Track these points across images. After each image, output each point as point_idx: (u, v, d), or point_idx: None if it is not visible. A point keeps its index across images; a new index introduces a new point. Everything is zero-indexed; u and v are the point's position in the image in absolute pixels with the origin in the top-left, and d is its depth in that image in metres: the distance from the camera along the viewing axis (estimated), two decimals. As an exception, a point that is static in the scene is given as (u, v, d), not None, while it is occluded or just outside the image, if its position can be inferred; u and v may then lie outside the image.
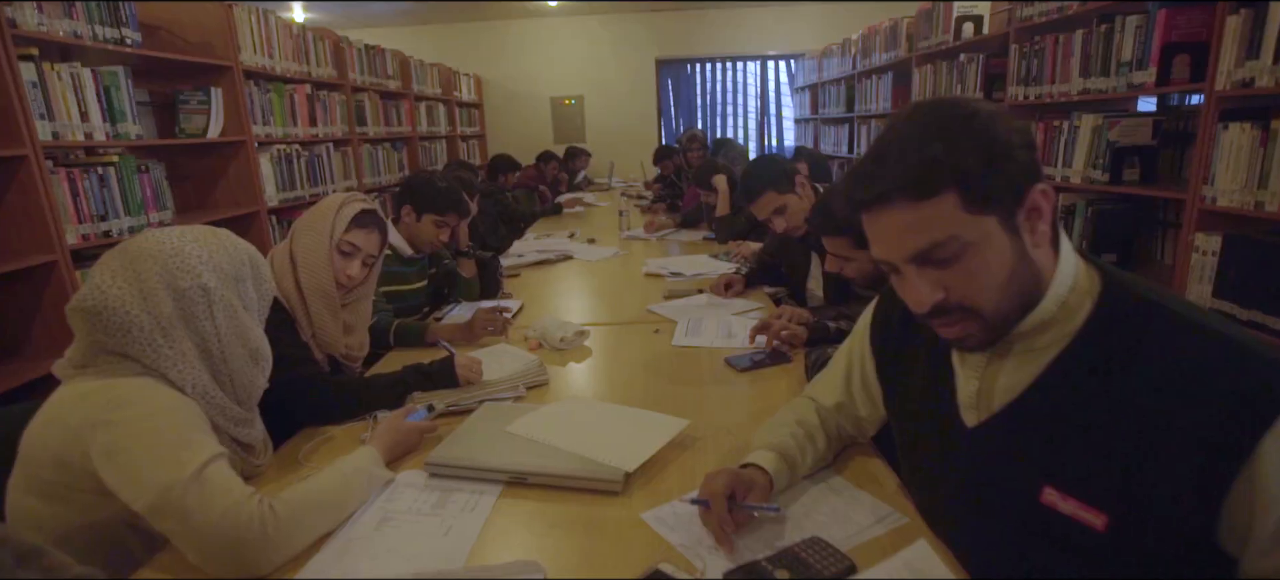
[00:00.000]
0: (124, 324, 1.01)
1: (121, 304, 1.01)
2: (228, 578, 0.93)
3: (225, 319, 1.08)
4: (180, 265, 1.05)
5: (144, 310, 1.02)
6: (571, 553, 0.97)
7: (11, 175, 2.15)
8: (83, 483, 0.98)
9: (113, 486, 0.95)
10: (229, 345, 1.09)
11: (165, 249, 1.06)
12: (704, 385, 1.58)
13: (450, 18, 7.79)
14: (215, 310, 1.07)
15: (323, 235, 1.50)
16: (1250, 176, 2.02)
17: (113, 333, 1.01)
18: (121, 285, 1.02)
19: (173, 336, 1.03)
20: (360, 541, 1.01)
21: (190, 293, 1.05)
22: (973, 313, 0.81)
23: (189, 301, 1.05)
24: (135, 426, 0.96)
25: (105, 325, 1.00)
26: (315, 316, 1.50)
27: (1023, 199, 0.78)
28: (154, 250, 1.05)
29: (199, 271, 1.06)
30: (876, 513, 1.02)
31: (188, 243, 1.08)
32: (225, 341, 1.08)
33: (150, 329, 1.02)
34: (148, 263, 1.04)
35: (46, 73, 2.22)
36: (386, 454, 1.21)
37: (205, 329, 1.06)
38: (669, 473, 1.16)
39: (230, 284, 1.10)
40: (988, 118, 0.78)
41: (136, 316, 1.01)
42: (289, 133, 3.72)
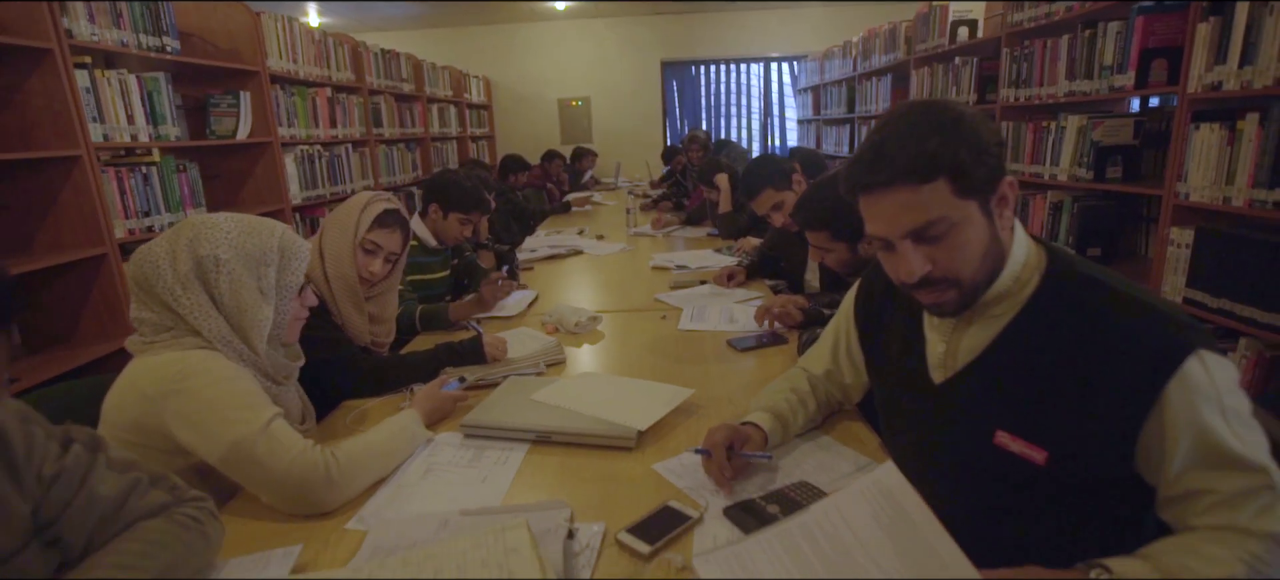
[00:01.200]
0: (154, 273, 1.15)
1: (153, 256, 1.16)
2: (298, 513, 1.09)
3: (229, 288, 1.19)
4: (206, 236, 1.19)
5: (169, 264, 1.16)
6: (592, 495, 1.12)
7: (67, 174, 2.32)
8: (157, 442, 1.13)
9: (187, 444, 1.10)
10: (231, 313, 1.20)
11: (204, 222, 1.21)
12: (707, 363, 1.74)
13: (460, 21, 7.97)
14: (221, 279, 1.19)
15: (347, 233, 1.65)
16: (1219, 174, 2.17)
17: (146, 284, 1.16)
18: (160, 244, 1.18)
19: (190, 290, 1.17)
20: (409, 487, 1.17)
21: (205, 260, 1.18)
22: (953, 283, 0.96)
23: (203, 266, 1.18)
24: (204, 392, 1.11)
25: (142, 274, 1.16)
26: (342, 311, 1.66)
27: (996, 188, 0.94)
28: (196, 222, 1.21)
29: (218, 244, 1.19)
30: (857, 462, 1.17)
31: (223, 221, 1.22)
32: (227, 309, 1.20)
33: (171, 280, 1.16)
34: (185, 230, 1.20)
35: (98, 79, 2.39)
36: (425, 418, 1.36)
37: (214, 292, 1.19)
38: (676, 433, 1.31)
39: (246, 263, 1.21)
40: (972, 119, 0.93)
41: (164, 268, 1.16)
42: (311, 134, 3.88)
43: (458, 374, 1.58)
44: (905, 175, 0.90)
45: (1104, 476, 0.91)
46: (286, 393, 1.33)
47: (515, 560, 0.82)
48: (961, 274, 0.94)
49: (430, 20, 7.80)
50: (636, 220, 4.07)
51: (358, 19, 7.43)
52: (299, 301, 1.31)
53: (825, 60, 6.94)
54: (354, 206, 1.68)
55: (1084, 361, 0.90)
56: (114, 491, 0.84)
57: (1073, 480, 0.92)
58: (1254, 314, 2.03)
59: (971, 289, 0.96)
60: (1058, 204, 2.95)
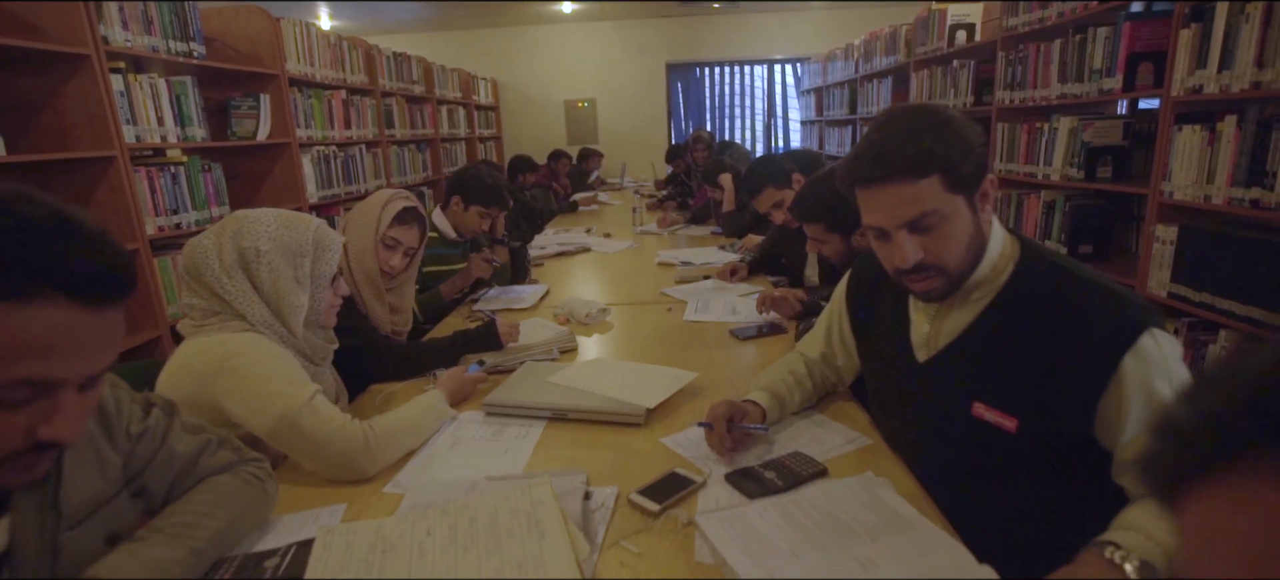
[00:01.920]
0: (202, 263, 1.26)
1: (202, 248, 1.28)
2: (339, 479, 1.20)
3: (268, 277, 1.30)
4: (248, 229, 1.30)
5: (216, 255, 1.27)
6: (605, 464, 1.23)
7: (102, 173, 2.44)
8: (208, 416, 1.24)
9: (237, 417, 1.22)
10: (271, 299, 1.32)
11: (246, 217, 1.32)
12: (711, 350, 1.84)
13: (469, 24, 8.09)
14: (261, 268, 1.30)
15: (369, 229, 1.77)
16: (1200, 173, 2.26)
17: (196, 273, 1.27)
18: (208, 237, 1.29)
19: (235, 278, 1.27)
20: (439, 457, 1.28)
21: (247, 251, 1.29)
22: (941, 270, 1.06)
23: (245, 257, 1.29)
24: (251, 370, 1.22)
25: (192, 264, 1.27)
26: (366, 302, 1.78)
27: (980, 184, 1.05)
28: (239, 217, 1.32)
29: (259, 236, 1.30)
30: (847, 436, 1.28)
31: (264, 216, 1.34)
32: (268, 296, 1.31)
33: (217, 269, 1.26)
34: (230, 224, 1.31)
35: (131, 83, 2.51)
36: (449, 398, 1.47)
37: (256, 280, 1.30)
38: (682, 411, 1.42)
39: (285, 254, 1.32)
40: (960, 123, 1.04)
41: (211, 259, 1.27)
42: (327, 135, 4.01)
43: (478, 358, 1.69)
44: (902, 171, 1.00)
45: (1068, 442, 1.01)
46: (322, 373, 1.44)
47: (542, 511, 0.93)
48: (949, 262, 1.05)
49: (439, 23, 7.93)
50: (642, 219, 4.18)
51: (368, 22, 7.56)
52: (332, 290, 1.43)
53: (828, 62, 7.04)
54: (375, 204, 1.80)
55: (1051, 339, 1.01)
56: (188, 450, 0.95)
57: (1041, 445, 1.03)
58: (1233, 307, 2.13)
59: (957, 276, 1.07)
60: (1051, 203, 3.05)
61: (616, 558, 0.95)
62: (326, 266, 1.38)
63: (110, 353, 0.70)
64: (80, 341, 0.66)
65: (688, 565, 0.93)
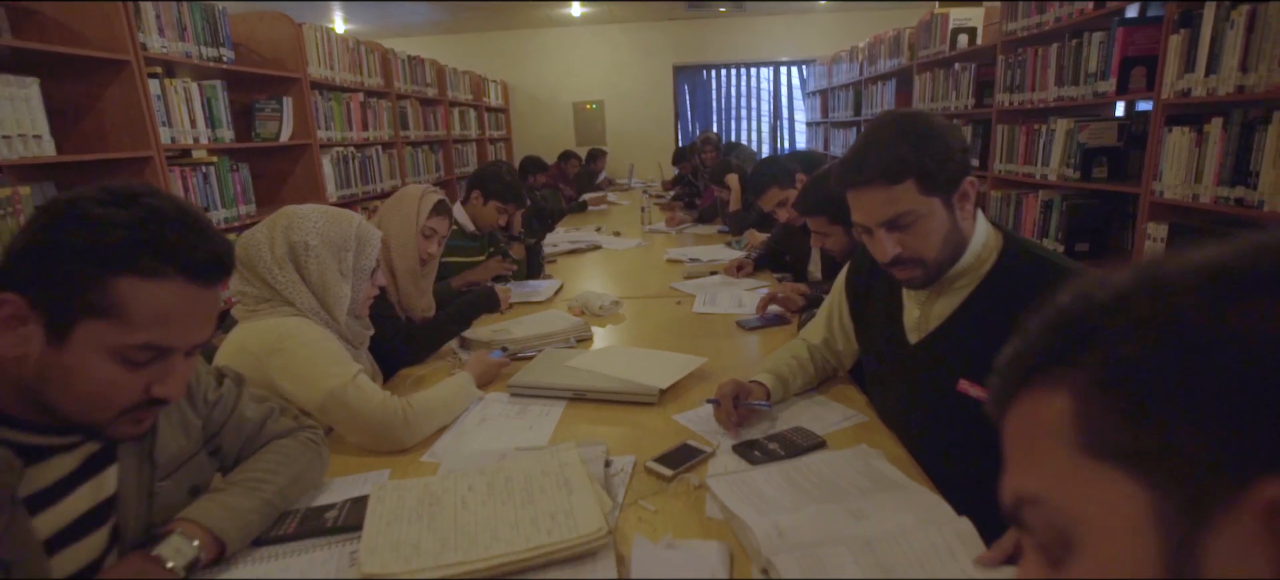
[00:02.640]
0: (255, 254, 1.38)
1: (255, 241, 1.39)
2: (380, 450, 1.32)
3: (316, 269, 1.42)
4: (298, 224, 1.42)
5: (268, 247, 1.39)
6: (622, 438, 1.34)
7: (139, 173, 2.56)
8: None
9: (288, 394, 1.33)
10: (317, 289, 1.44)
11: (296, 213, 1.44)
12: (719, 340, 1.95)
13: (480, 27, 8.23)
14: (309, 261, 1.42)
15: (410, 222, 1.90)
16: (1189, 173, 2.36)
17: (249, 263, 1.38)
18: (261, 230, 1.41)
19: (285, 269, 1.39)
20: (469, 431, 1.39)
21: (297, 245, 1.41)
22: (920, 262, 1.18)
23: (295, 250, 1.40)
24: (301, 351, 1.34)
25: (246, 255, 1.38)
26: (404, 290, 1.91)
27: (958, 187, 1.15)
28: (289, 213, 1.44)
29: (308, 232, 1.42)
30: (845, 414, 1.39)
31: (312, 212, 1.46)
32: (314, 286, 1.43)
33: (269, 261, 1.38)
34: (281, 220, 1.43)
35: (166, 87, 2.64)
36: (476, 380, 1.59)
37: (304, 272, 1.42)
38: (692, 393, 1.53)
39: (331, 248, 1.44)
40: (940, 130, 1.14)
41: (263, 251, 1.38)
42: (346, 136, 4.14)
43: (501, 344, 1.81)
44: (880, 176, 1.12)
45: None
46: (359, 357, 1.56)
47: (569, 472, 1.04)
48: (926, 256, 1.16)
49: (450, 26, 8.06)
50: (651, 218, 4.29)
51: (380, 24, 7.70)
52: (371, 282, 1.55)
53: (833, 64, 7.13)
54: (412, 198, 1.93)
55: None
56: (256, 416, 1.07)
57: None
58: (1218, 301, 2.22)
59: (935, 267, 1.18)
60: (1048, 202, 3.15)
61: (635, 514, 1.07)
62: (367, 260, 1.49)
63: (211, 326, 0.82)
64: (191, 314, 0.78)
65: (699, 521, 1.04)
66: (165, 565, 0.83)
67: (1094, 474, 0.33)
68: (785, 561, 0.85)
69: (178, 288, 0.76)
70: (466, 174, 6.50)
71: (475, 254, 2.50)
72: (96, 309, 0.72)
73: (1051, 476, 0.36)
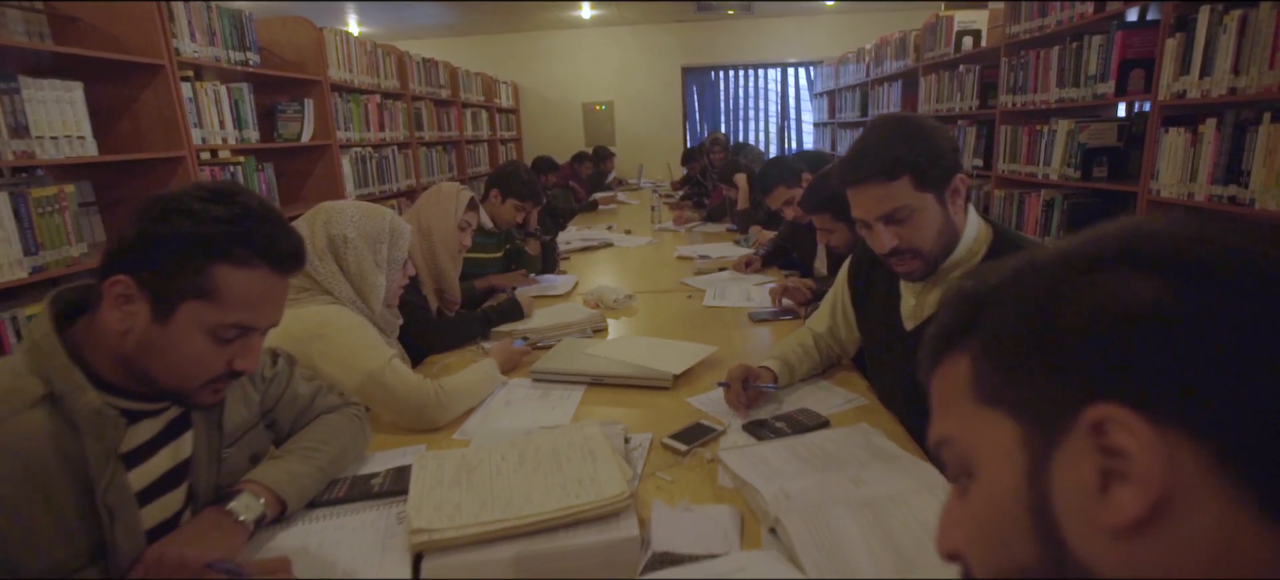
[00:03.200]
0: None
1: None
2: (413, 428, 1.42)
3: (354, 261, 1.53)
4: (336, 219, 1.52)
5: (309, 241, 1.49)
6: (639, 419, 1.43)
7: (173, 172, 2.69)
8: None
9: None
10: (355, 279, 1.54)
11: (334, 208, 1.54)
12: (729, 331, 2.05)
13: (491, 29, 8.34)
14: (348, 253, 1.52)
15: (450, 217, 2.05)
16: (1184, 172, 2.44)
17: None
18: (301, 224, 1.51)
19: (325, 261, 1.49)
20: (496, 413, 1.49)
21: (336, 239, 1.51)
22: (916, 254, 1.27)
23: (334, 243, 1.51)
24: (340, 336, 1.44)
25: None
26: (447, 280, 2.07)
27: (950, 183, 1.24)
28: (328, 208, 1.54)
29: (346, 226, 1.52)
30: (847, 397, 1.48)
31: (350, 207, 1.56)
32: (352, 277, 1.54)
33: (310, 254, 1.45)
34: (320, 215, 1.53)
35: (198, 89, 2.75)
36: (500, 367, 1.69)
37: (342, 263, 1.52)
38: (704, 379, 1.63)
39: (367, 241, 1.54)
40: (931, 131, 1.24)
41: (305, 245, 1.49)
42: (364, 137, 4.25)
43: (522, 334, 1.91)
44: (877, 173, 1.21)
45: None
46: (391, 344, 1.66)
47: (593, 443, 1.13)
48: (922, 247, 1.25)
49: (462, 28, 8.19)
50: (661, 217, 4.38)
51: (393, 27, 7.83)
52: (402, 273, 1.65)
53: (840, 66, 7.21)
54: (450, 194, 2.10)
55: None
56: (307, 393, 1.17)
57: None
58: (1212, 295, 2.30)
59: (931, 258, 1.27)
60: (1050, 201, 3.22)
61: (653, 484, 1.16)
62: (400, 252, 1.60)
63: (282, 310, 0.93)
64: (271, 299, 0.89)
65: (712, 490, 1.14)
66: (237, 519, 0.94)
67: (984, 417, 0.43)
68: (792, 520, 0.94)
69: (262, 275, 0.86)
70: (479, 174, 6.62)
71: (494, 250, 2.61)
72: (198, 291, 0.82)
73: (957, 422, 0.45)
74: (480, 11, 7.33)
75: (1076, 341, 0.39)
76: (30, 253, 2.05)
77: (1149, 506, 0.36)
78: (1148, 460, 0.36)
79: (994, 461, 0.43)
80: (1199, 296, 0.37)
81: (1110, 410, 0.37)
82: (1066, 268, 0.41)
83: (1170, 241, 0.39)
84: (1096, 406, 0.37)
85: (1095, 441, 0.37)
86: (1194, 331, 0.36)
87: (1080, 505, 0.38)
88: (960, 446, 0.46)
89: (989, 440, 0.43)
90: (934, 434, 0.48)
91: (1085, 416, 0.38)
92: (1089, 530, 0.38)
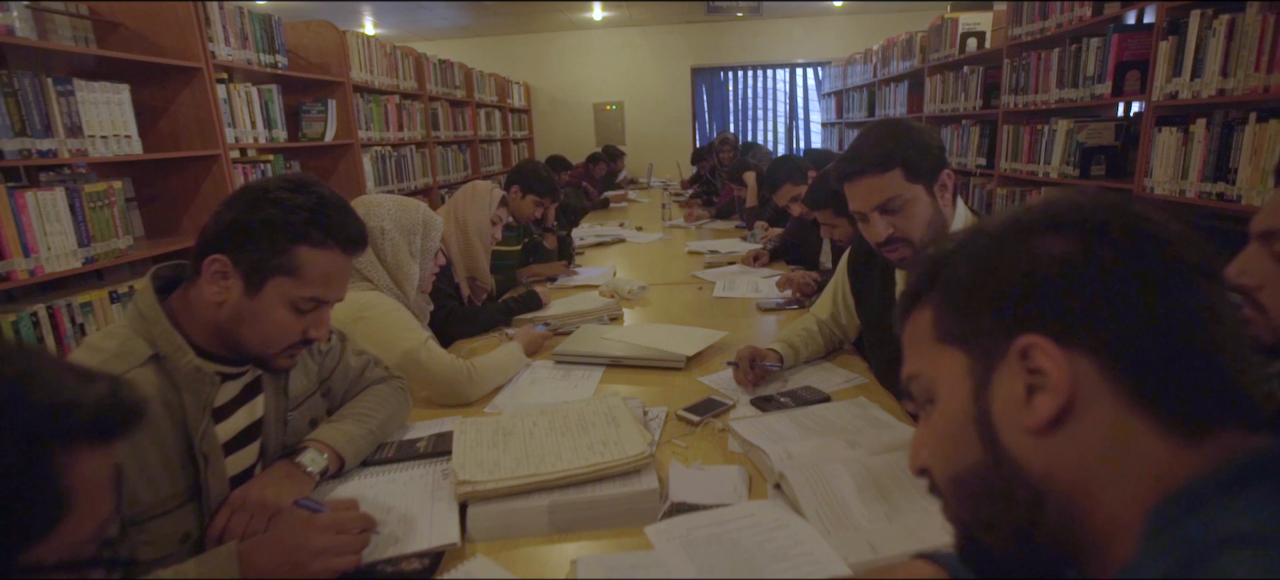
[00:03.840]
0: None
1: None
2: (447, 403, 1.54)
3: (390, 250, 1.66)
4: (374, 211, 1.65)
5: None
6: (655, 396, 1.55)
7: (208, 170, 2.83)
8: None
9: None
10: (391, 268, 1.67)
11: (372, 201, 1.67)
12: (738, 319, 2.17)
13: (504, 30, 8.49)
14: (385, 243, 1.65)
15: (485, 211, 2.21)
16: (1176, 170, 2.54)
17: None
18: None
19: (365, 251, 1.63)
20: (523, 389, 1.62)
21: (374, 230, 1.64)
22: (908, 242, 1.38)
23: (372, 234, 1.63)
24: (380, 319, 1.57)
25: None
26: (479, 269, 2.23)
27: (938, 177, 1.36)
28: (367, 201, 1.67)
29: (383, 217, 1.65)
30: (847, 377, 1.59)
31: (386, 201, 1.69)
32: (389, 266, 1.67)
33: None
34: (360, 207, 1.64)
35: (231, 91, 2.89)
36: (524, 350, 1.81)
37: (380, 253, 1.65)
38: (714, 361, 1.74)
39: (403, 232, 1.68)
40: (919, 131, 1.35)
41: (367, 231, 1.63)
42: (383, 136, 4.39)
43: (543, 320, 2.03)
44: (871, 167, 1.33)
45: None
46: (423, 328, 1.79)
47: (615, 411, 1.26)
48: (913, 235, 1.37)
49: (475, 29, 8.33)
50: (671, 214, 4.50)
51: (408, 28, 7.98)
52: (434, 262, 1.78)
53: (848, 66, 7.30)
54: (485, 191, 2.27)
55: None
56: (357, 366, 1.30)
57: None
58: (1201, 288, 2.40)
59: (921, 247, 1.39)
60: (1049, 198, 3.31)
61: (670, 449, 1.28)
62: (432, 242, 1.73)
63: (346, 287, 1.05)
64: (340, 276, 1.02)
65: (723, 454, 1.26)
66: (305, 470, 1.06)
67: (942, 353, 0.55)
68: (794, 475, 1.06)
69: (334, 256, 1.00)
70: (492, 173, 6.75)
71: (513, 243, 2.74)
72: (282, 268, 0.95)
73: (922, 360, 0.57)
74: (493, 13, 7.47)
75: (1009, 289, 0.51)
76: (83, 244, 2.19)
77: (1059, 409, 0.47)
78: (1059, 375, 0.47)
79: (949, 387, 0.55)
80: (1099, 251, 0.49)
81: (1033, 339, 0.49)
82: (1003, 232, 0.53)
83: (1080, 210, 0.51)
84: (1023, 337, 0.49)
85: (1022, 364, 0.49)
86: (1093, 277, 0.48)
87: (1011, 413, 0.50)
88: (924, 379, 0.57)
89: (945, 371, 0.55)
90: (905, 372, 0.60)
91: (1015, 345, 0.49)
92: (1017, 432, 0.50)
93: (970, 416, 0.53)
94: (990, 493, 0.51)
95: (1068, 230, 0.50)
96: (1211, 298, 0.47)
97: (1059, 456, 0.48)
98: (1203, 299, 0.46)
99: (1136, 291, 0.47)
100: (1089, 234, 0.49)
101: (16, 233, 1.98)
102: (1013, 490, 0.50)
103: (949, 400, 0.55)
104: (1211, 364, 0.46)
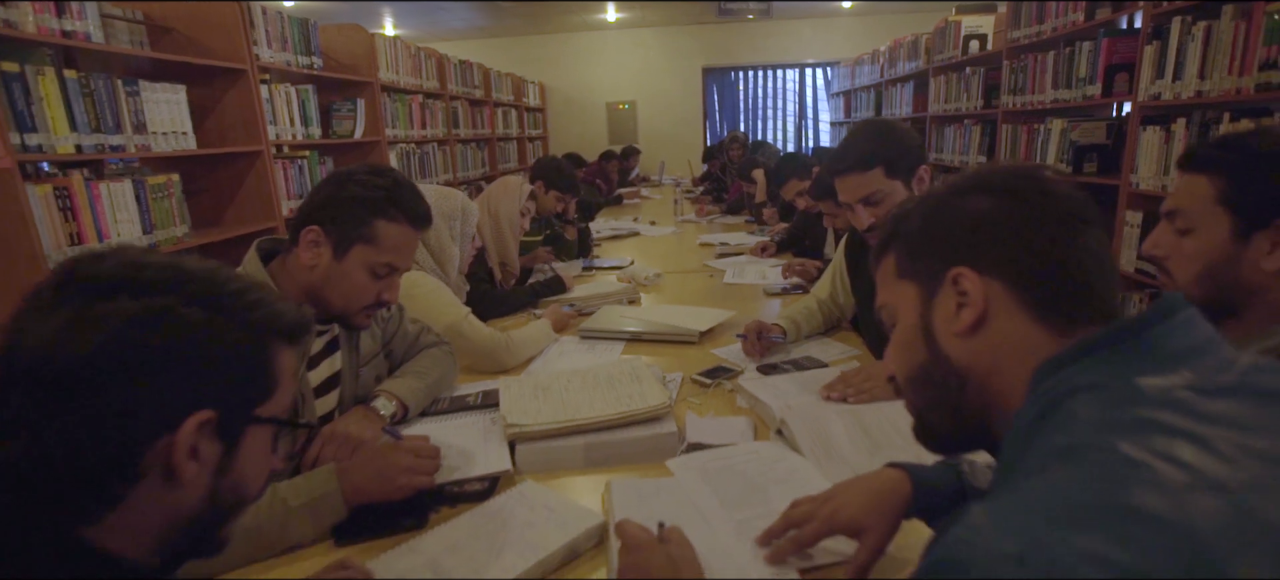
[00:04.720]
0: None
1: None
2: (485, 371, 1.73)
3: (433, 235, 1.85)
4: None
5: None
6: (670, 363, 1.74)
7: (251, 165, 3.03)
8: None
9: None
10: (434, 251, 1.87)
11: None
12: (746, 301, 2.35)
13: (520, 31, 8.69)
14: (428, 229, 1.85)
15: (515, 204, 2.41)
16: (1159, 167, 2.69)
17: None
18: None
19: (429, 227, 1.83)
20: (554, 357, 1.81)
21: None
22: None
23: None
24: (427, 295, 1.76)
25: None
26: (509, 255, 2.42)
27: (915, 172, 1.54)
28: None
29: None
30: (844, 350, 1.78)
31: (428, 190, 1.86)
32: (432, 249, 1.87)
33: None
34: None
35: (273, 91, 3.10)
36: (552, 327, 2.00)
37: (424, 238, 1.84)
38: (724, 337, 1.93)
39: (444, 218, 1.87)
40: (900, 131, 1.53)
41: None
42: (408, 134, 4.60)
43: (568, 301, 2.23)
44: (856, 165, 1.51)
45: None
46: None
47: (638, 372, 1.44)
48: None
49: (492, 30, 8.54)
50: (683, 210, 4.69)
51: (427, 30, 8.20)
52: (471, 246, 1.97)
53: (855, 67, 7.45)
54: (515, 185, 2.48)
55: None
56: (413, 332, 1.49)
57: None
58: (1182, 277, 2.56)
59: None
60: (1045, 194, 3.47)
61: (686, 406, 1.47)
62: (469, 227, 1.92)
63: (413, 257, 1.24)
64: (409, 248, 1.21)
65: (732, 409, 1.44)
66: (379, 413, 1.26)
67: (902, 286, 0.73)
68: (794, 419, 1.24)
69: (405, 229, 1.19)
70: (509, 170, 6.95)
71: (534, 234, 2.93)
72: (364, 238, 1.15)
73: (888, 292, 0.75)
74: (509, 13, 7.67)
75: (947, 234, 0.69)
76: (147, 232, 2.40)
77: (977, 318, 0.65)
78: (977, 294, 0.65)
79: (906, 310, 0.73)
80: (1010, 206, 0.67)
81: (961, 270, 0.67)
82: (945, 194, 0.71)
83: (1000, 175, 0.69)
84: (955, 269, 0.67)
85: (954, 288, 0.67)
86: (1005, 225, 0.66)
87: (945, 323, 0.68)
88: (891, 306, 0.75)
89: (904, 298, 0.73)
90: (877, 302, 0.78)
91: (949, 275, 0.67)
92: (949, 337, 0.68)
93: (919, 329, 0.71)
94: (931, 382, 0.69)
95: (990, 191, 0.68)
96: (1088, 238, 0.64)
97: (977, 351, 0.66)
98: (1082, 239, 0.64)
99: (1034, 234, 0.65)
100: (1004, 194, 0.67)
101: (92, 220, 2.19)
102: (947, 378, 0.68)
103: (905, 318, 0.73)
104: (1083, 283, 0.63)
